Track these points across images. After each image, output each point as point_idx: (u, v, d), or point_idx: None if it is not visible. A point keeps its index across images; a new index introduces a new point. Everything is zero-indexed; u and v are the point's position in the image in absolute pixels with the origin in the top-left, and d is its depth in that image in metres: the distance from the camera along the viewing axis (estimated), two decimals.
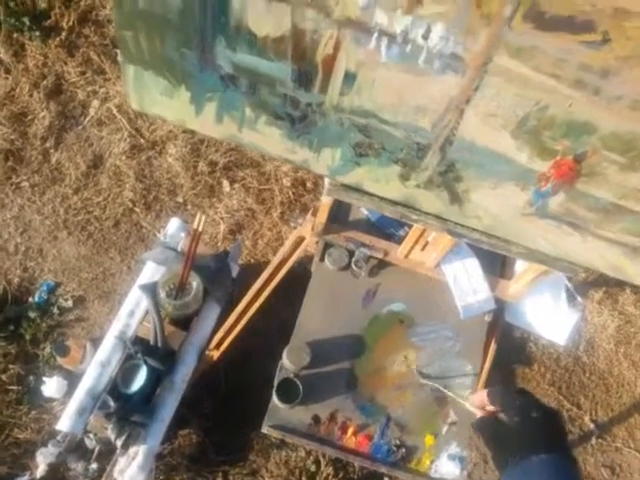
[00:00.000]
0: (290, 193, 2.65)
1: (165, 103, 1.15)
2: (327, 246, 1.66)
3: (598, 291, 2.66)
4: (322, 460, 2.15)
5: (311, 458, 2.17)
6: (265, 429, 1.50)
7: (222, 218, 2.58)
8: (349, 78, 0.98)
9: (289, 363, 1.47)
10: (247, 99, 1.09)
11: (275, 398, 1.48)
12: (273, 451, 2.23)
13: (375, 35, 0.89)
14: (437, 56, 0.88)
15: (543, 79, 0.84)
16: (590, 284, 2.67)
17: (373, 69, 0.95)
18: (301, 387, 1.47)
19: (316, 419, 1.51)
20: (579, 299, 2.43)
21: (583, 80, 0.82)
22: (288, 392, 1.47)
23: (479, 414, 1.03)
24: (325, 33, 0.91)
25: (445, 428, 1.53)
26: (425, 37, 0.86)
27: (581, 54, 0.78)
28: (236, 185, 2.64)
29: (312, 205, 2.64)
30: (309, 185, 2.71)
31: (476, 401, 1.13)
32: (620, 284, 2.67)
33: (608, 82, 0.81)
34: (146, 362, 1.80)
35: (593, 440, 2.45)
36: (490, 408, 0.99)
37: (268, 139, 1.17)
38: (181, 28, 0.98)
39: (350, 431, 1.52)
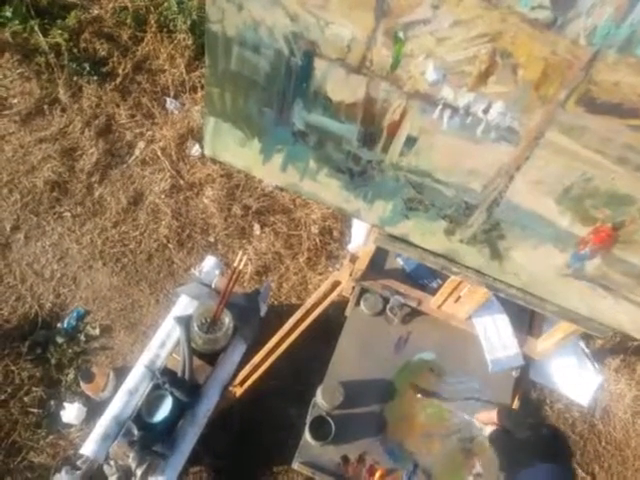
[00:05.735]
0: (317, 240, 2.74)
1: (236, 152, 1.27)
2: (363, 292, 1.74)
3: (615, 359, 2.66)
4: None
5: None
6: (296, 465, 1.52)
7: (250, 259, 2.67)
8: (410, 141, 1.10)
9: (323, 401, 1.51)
10: (313, 153, 1.21)
11: (307, 435, 1.50)
12: None
13: (440, 107, 1.01)
14: (494, 128, 1.00)
15: (590, 154, 0.95)
16: (607, 351, 2.67)
17: (433, 135, 1.07)
18: (334, 426, 1.50)
19: (345, 459, 1.53)
20: (596, 365, 2.45)
21: (626, 157, 0.93)
22: (320, 430, 1.50)
23: (487, 428, 1.31)
24: (394, 102, 1.04)
25: (470, 479, 1.54)
26: (485, 111, 0.98)
27: (626, 135, 0.90)
28: (266, 229, 2.75)
29: (338, 253, 2.73)
30: (335, 234, 2.81)
31: (484, 418, 1.39)
32: (638, 353, 2.69)
33: None
34: (172, 393, 1.84)
35: None
36: (494, 424, 1.25)
37: (326, 189, 1.28)
38: (265, 90, 1.11)
39: (378, 474, 1.53)
